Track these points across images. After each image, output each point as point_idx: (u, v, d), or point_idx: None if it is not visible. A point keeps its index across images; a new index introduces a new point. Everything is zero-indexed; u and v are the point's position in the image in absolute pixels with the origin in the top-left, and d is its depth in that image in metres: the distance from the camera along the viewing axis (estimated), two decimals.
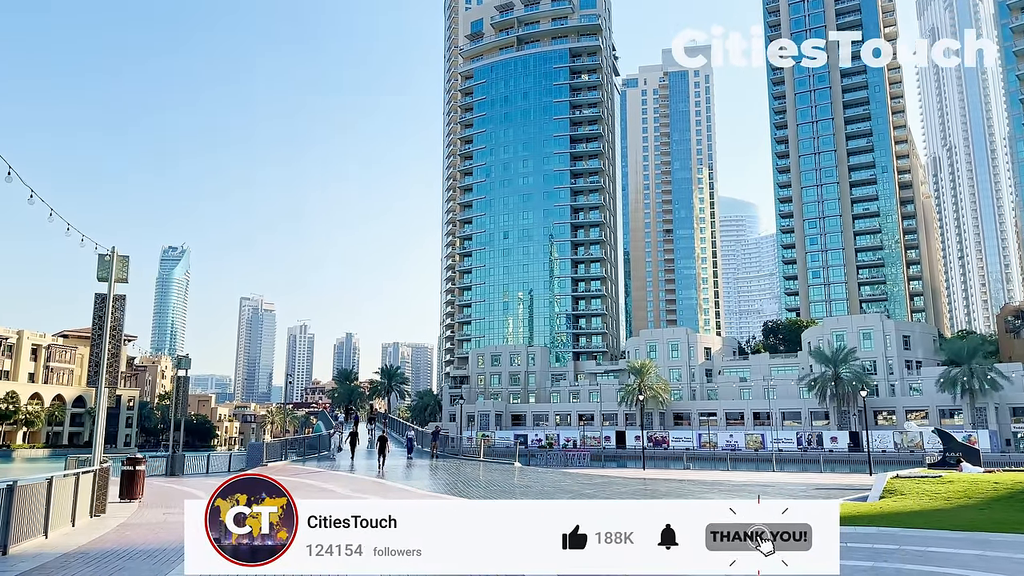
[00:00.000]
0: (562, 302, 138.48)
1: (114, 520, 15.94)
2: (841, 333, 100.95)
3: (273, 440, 48.67)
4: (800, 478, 38.22)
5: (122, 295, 17.76)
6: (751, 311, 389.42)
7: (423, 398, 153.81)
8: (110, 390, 17.75)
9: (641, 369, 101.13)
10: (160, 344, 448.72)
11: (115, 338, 17.31)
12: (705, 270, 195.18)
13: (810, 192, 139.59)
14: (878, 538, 13.60)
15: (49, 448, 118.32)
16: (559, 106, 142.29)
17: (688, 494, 24.56)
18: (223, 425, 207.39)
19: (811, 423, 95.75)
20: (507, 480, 29.30)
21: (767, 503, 6.13)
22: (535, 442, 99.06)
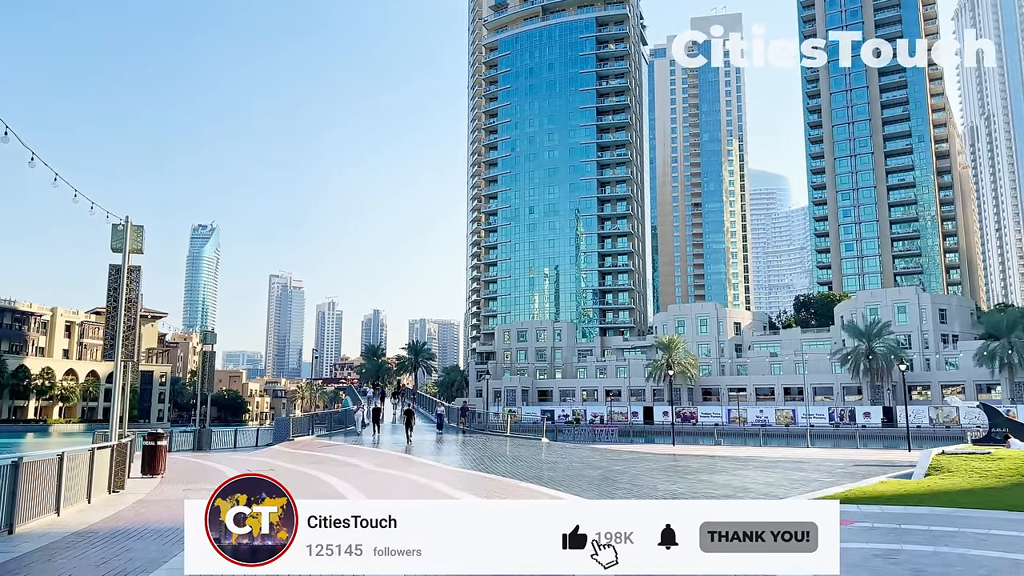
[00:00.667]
0: (588, 277, 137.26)
1: (132, 496, 15.56)
2: (875, 307, 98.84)
3: (299, 415, 48.63)
4: (835, 454, 37.21)
5: (137, 266, 17.25)
6: (781, 286, 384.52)
7: (449, 374, 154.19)
8: (129, 363, 17.31)
9: (669, 344, 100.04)
10: (192, 321, 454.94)
11: (131, 310, 16.82)
12: (735, 244, 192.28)
13: (843, 163, 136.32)
14: (932, 519, 12.72)
15: (84, 423, 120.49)
16: (585, 77, 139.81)
17: (721, 470, 23.74)
18: (254, 400, 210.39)
19: (843, 398, 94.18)
20: (534, 456, 28.70)
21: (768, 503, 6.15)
22: (562, 417, 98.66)
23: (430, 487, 17.43)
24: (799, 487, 18.83)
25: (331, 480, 19.22)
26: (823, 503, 5.81)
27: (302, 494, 16.09)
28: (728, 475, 22.04)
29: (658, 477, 21.52)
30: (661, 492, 17.38)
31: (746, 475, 22.13)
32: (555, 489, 17.03)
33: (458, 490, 16.61)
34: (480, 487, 17.35)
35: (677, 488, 18.35)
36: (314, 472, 21.46)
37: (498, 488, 17.29)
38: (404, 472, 21.20)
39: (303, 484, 18.21)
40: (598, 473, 22.02)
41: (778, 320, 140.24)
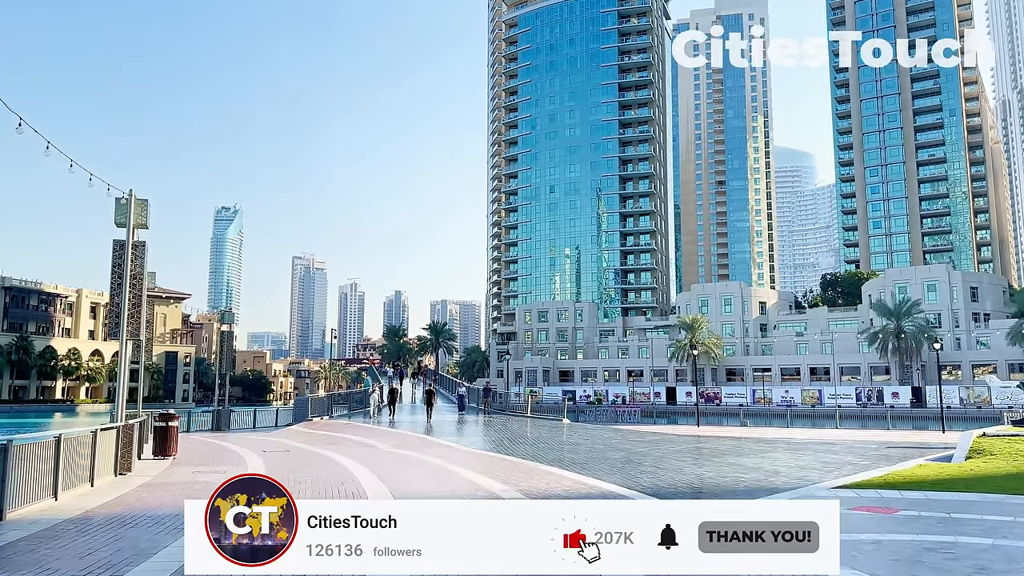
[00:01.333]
0: (610, 257, 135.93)
1: (139, 479, 15.06)
2: (904, 285, 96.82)
3: (319, 395, 48.39)
4: (866, 435, 36.13)
5: (142, 241, 16.64)
6: (806, 265, 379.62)
7: (471, 354, 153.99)
8: (133, 342, 16.76)
9: (693, 324, 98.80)
10: (217, 302, 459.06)
11: (136, 287, 16.23)
12: (759, 223, 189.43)
13: (872, 138, 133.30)
14: (983, 507, 11.80)
15: (111, 403, 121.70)
16: (607, 53, 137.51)
17: (748, 452, 22.86)
18: (278, 381, 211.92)
19: (871, 378, 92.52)
20: (555, 437, 28.01)
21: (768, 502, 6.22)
22: (583, 398, 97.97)
23: (446, 470, 16.78)
24: (833, 470, 17.93)
25: (345, 462, 18.66)
26: (822, 503, 5.73)
27: (315, 476, 15.57)
28: (757, 457, 21.17)
29: (684, 459, 20.71)
30: (688, 475, 16.58)
31: (776, 457, 21.25)
32: (577, 472, 16.31)
33: (476, 473, 15.94)
34: (499, 470, 16.67)
35: (704, 471, 17.54)
36: (329, 453, 20.95)
37: (518, 471, 16.60)
38: (421, 454, 20.60)
39: (316, 465, 17.66)
40: (621, 455, 21.26)
41: (804, 299, 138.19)
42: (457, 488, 13.59)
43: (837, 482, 15.43)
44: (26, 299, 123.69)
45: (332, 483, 14.45)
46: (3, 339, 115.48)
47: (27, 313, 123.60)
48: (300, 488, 13.82)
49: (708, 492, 13.97)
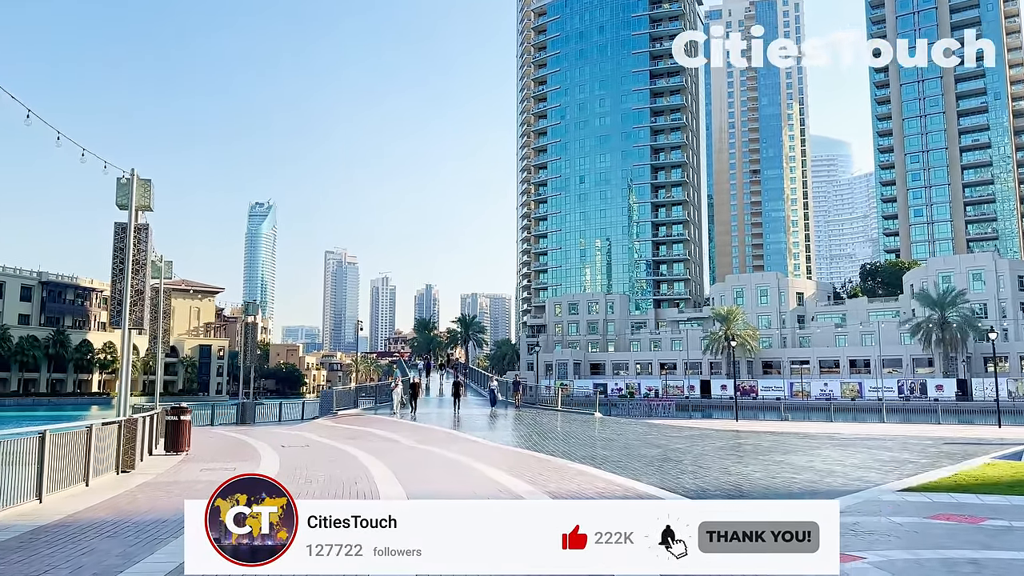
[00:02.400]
0: (642, 248, 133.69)
1: (141, 478, 14.08)
2: (948, 274, 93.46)
3: (344, 388, 47.62)
4: (916, 430, 34.23)
5: (145, 224, 15.62)
6: (842, 256, 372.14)
7: (501, 347, 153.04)
8: (139, 331, 15.80)
9: (728, 315, 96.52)
10: (252, 296, 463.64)
11: (139, 273, 15.23)
12: (795, 212, 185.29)
13: (912, 124, 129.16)
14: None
15: (145, 396, 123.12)
16: (638, 40, 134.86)
17: (794, 449, 21.32)
18: (311, 373, 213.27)
19: (913, 370, 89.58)
20: (587, 432, 26.69)
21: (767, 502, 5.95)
22: (615, 391, 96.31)
23: (469, 468, 15.57)
24: (893, 470, 16.38)
25: (363, 458, 17.58)
26: (822, 502, 5.70)
27: (328, 474, 14.46)
28: (805, 455, 19.65)
29: (726, 457, 19.28)
30: (734, 476, 15.17)
31: (826, 455, 19.71)
32: (611, 471, 14.99)
33: (501, 471, 14.71)
34: (526, 468, 15.42)
35: (751, 471, 16.10)
36: (349, 448, 19.90)
37: (546, 470, 15.34)
38: (444, 450, 19.43)
39: (333, 462, 16.57)
40: (658, 452, 19.88)
41: (843, 290, 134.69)
42: (478, 489, 12.37)
43: (901, 484, 13.92)
44: (63, 293, 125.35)
45: (345, 481, 13.35)
46: (40, 333, 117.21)
47: (64, 307, 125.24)
48: (310, 487, 12.74)
49: (759, 496, 12.56)
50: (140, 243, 15.41)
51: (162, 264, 23.82)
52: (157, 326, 23.85)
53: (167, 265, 24.02)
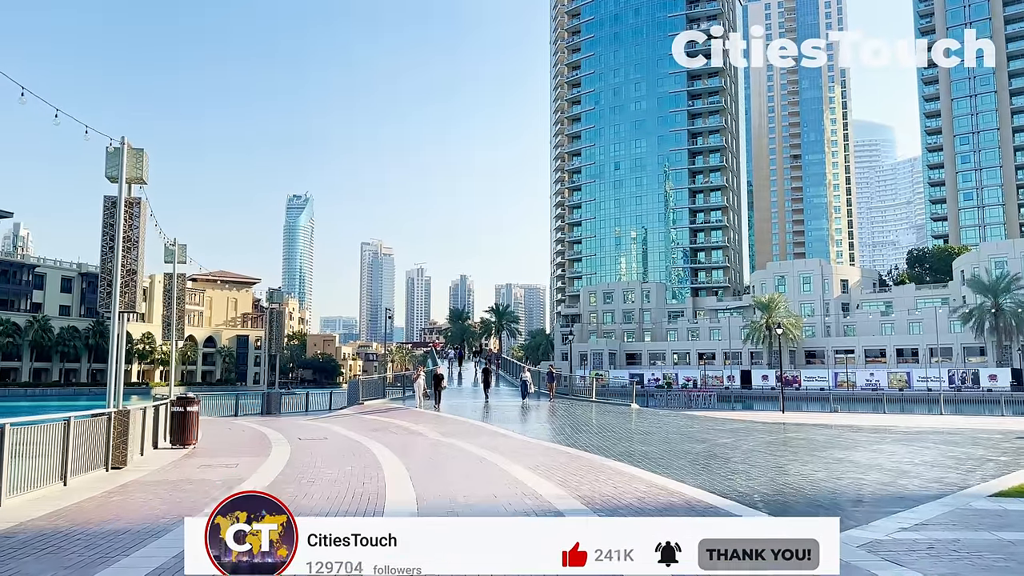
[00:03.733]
0: (678, 235, 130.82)
1: (131, 475, 12.81)
2: (1001, 259, 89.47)
3: (371, 378, 46.53)
4: (980, 422, 31.94)
5: (137, 198, 14.30)
6: (886, 243, 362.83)
7: (535, 337, 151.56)
8: (129, 316, 14.51)
9: (769, 304, 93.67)
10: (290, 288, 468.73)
11: (131, 251, 13.92)
12: (838, 198, 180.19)
13: (962, 104, 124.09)
14: None
15: (184, 386, 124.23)
16: (674, 21, 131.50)
17: (853, 444, 19.38)
18: (347, 364, 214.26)
19: (964, 360, 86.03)
20: (623, 424, 24.99)
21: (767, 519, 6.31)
22: (652, 381, 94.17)
23: (494, 467, 14.03)
24: (972, 469, 14.45)
25: (380, 452, 16.17)
26: (822, 520, 5.65)
27: (337, 474, 13.02)
28: (867, 451, 17.75)
29: (779, 454, 17.47)
30: (792, 476, 13.40)
31: (890, 451, 17.79)
32: (651, 471, 13.33)
33: (529, 471, 13.15)
34: (557, 467, 13.83)
35: (811, 471, 14.29)
36: (368, 442, 18.54)
37: (580, 468, 13.75)
38: (469, 444, 17.93)
39: (347, 458, 15.15)
40: (702, 448, 18.13)
41: (889, 277, 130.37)
42: (500, 494, 10.81)
43: (990, 487, 12.03)
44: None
45: (352, 483, 11.92)
46: (81, 324, 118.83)
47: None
48: (312, 489, 11.34)
49: (827, 503, 10.79)
50: (132, 219, 14.09)
51: (175, 248, 22.60)
52: (171, 313, 22.64)
53: (181, 249, 22.80)
